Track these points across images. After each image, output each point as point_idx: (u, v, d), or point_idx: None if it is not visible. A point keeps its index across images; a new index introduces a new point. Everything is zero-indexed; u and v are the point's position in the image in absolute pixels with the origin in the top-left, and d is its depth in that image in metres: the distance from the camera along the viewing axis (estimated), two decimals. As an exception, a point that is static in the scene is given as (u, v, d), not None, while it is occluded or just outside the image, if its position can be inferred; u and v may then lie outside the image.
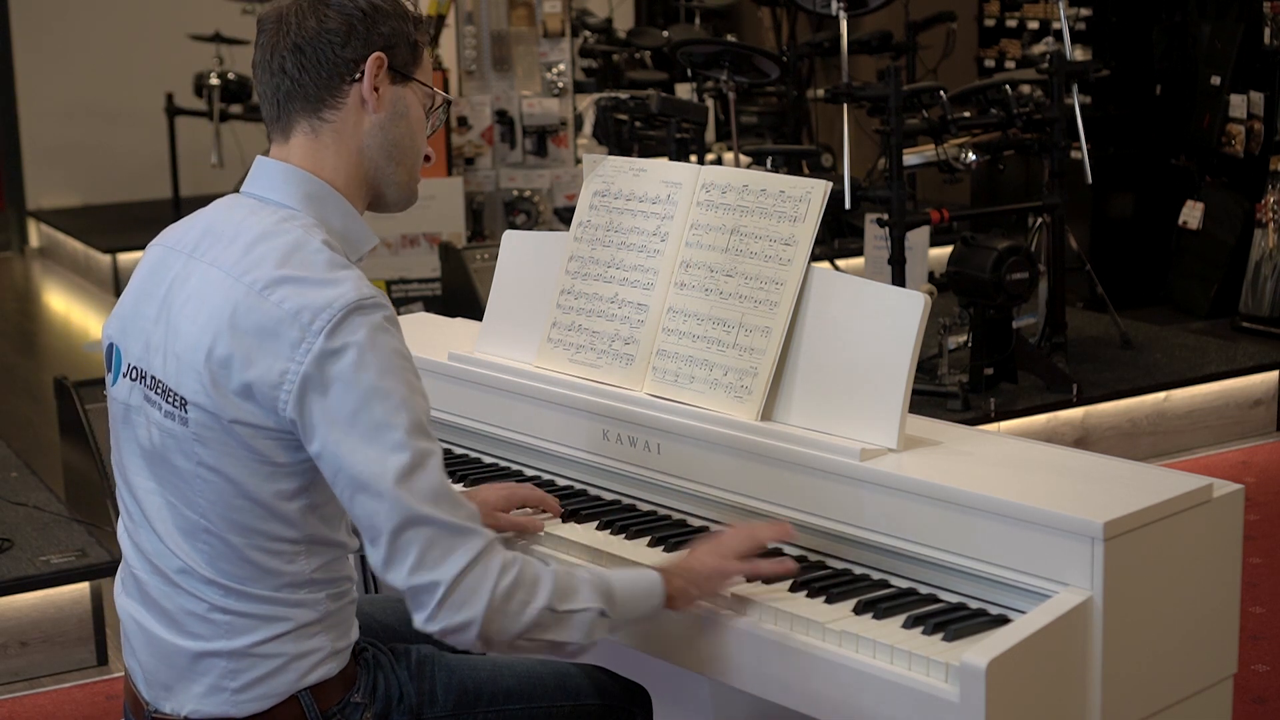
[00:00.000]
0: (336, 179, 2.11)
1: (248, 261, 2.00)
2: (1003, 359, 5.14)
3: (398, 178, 2.16)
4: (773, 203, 2.45)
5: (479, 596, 1.94)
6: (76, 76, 9.90)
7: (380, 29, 2.09)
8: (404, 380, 1.97)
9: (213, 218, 2.11)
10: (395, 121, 2.13)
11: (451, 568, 1.94)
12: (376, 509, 1.93)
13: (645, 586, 2.13)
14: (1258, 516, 4.74)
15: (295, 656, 2.04)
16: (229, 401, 1.96)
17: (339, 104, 2.09)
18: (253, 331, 1.96)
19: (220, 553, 2.01)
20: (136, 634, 2.11)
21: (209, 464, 1.99)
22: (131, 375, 2.09)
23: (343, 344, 1.94)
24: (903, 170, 5.16)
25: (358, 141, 2.11)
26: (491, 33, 7.61)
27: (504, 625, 1.97)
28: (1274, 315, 6.39)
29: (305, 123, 2.10)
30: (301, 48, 2.06)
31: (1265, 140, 6.68)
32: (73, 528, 4.16)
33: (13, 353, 7.60)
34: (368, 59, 2.08)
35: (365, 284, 1.99)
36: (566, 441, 2.64)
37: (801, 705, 2.13)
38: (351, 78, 2.08)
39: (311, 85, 2.08)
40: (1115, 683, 2.05)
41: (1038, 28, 7.77)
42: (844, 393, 2.33)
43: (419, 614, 1.96)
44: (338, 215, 2.10)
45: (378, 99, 2.10)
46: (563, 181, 7.66)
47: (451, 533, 1.95)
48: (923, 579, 2.20)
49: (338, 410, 1.93)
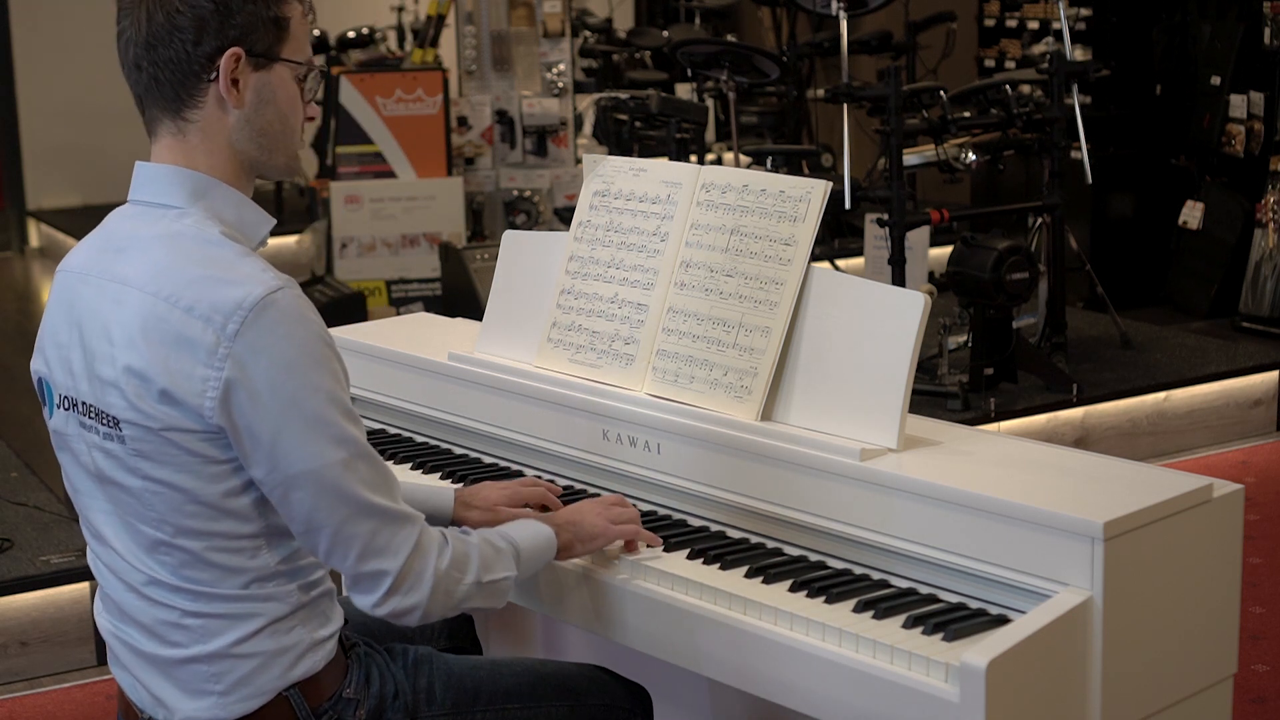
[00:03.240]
0: (215, 173, 2.03)
1: (149, 271, 1.96)
2: (1003, 359, 5.14)
3: (275, 161, 2.08)
4: (773, 203, 2.45)
5: (424, 580, 2.01)
6: (76, 76, 9.91)
7: (234, 20, 1.97)
8: (328, 369, 1.95)
9: (106, 234, 2.07)
10: (261, 110, 2.03)
11: (398, 556, 1.99)
12: (317, 504, 1.94)
13: (544, 543, 2.23)
14: (1258, 516, 4.74)
15: (275, 653, 2.03)
16: (155, 410, 1.93)
17: (199, 103, 2.00)
18: (167, 341, 1.92)
19: (182, 560, 1.99)
20: (121, 649, 2.11)
21: (154, 477, 1.97)
22: (63, 405, 2.06)
23: (261, 344, 1.90)
24: (903, 170, 5.16)
25: (225, 136, 2.03)
26: (491, 33, 7.61)
27: (444, 603, 2.05)
28: (1274, 315, 6.39)
29: (170, 123, 2.02)
30: (152, 45, 1.97)
31: (1265, 140, 6.68)
32: (73, 528, 4.16)
33: (13, 353, 7.60)
34: (222, 55, 1.98)
35: (270, 272, 1.94)
36: (566, 441, 2.64)
37: (800, 705, 2.13)
38: (208, 77, 1.99)
39: (168, 85, 1.99)
40: (1115, 683, 2.05)
41: (1038, 28, 7.77)
42: (844, 393, 2.33)
43: (365, 597, 2.01)
44: (229, 206, 2.04)
45: (238, 94, 2.00)
46: (563, 181, 7.66)
47: (393, 520, 1.99)
48: (923, 579, 2.20)
49: (266, 410, 1.91)
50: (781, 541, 2.37)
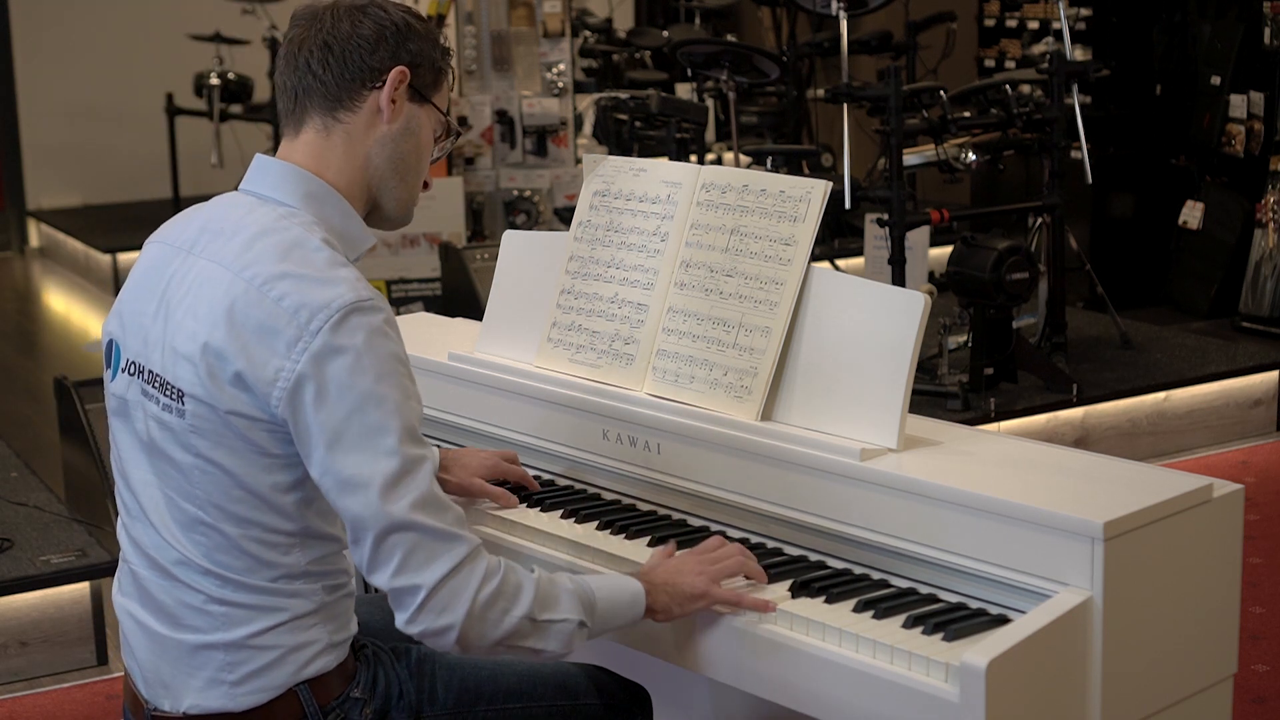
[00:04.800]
0: (339, 181, 2.12)
1: (248, 257, 2.01)
2: (1003, 359, 5.14)
3: (399, 193, 2.17)
4: (773, 203, 2.45)
5: (459, 602, 1.97)
6: (76, 76, 9.90)
7: (409, 45, 2.12)
8: (399, 385, 1.98)
9: (211, 214, 2.12)
10: (405, 137, 2.15)
11: (434, 573, 1.96)
12: (362, 512, 1.95)
13: (627, 599, 2.15)
14: (1258, 516, 4.74)
15: (292, 648, 2.05)
16: (224, 393, 1.98)
17: (355, 107, 2.11)
18: (250, 327, 1.97)
19: (217, 544, 2.02)
20: (134, 632, 2.12)
21: (206, 455, 2.00)
22: (130, 370, 2.10)
23: (340, 345, 1.94)
24: (903, 170, 5.16)
25: (366, 148, 2.13)
26: (491, 33, 7.61)
27: (483, 632, 2.00)
28: (1274, 315, 6.39)
29: (319, 119, 2.12)
30: (330, 46, 2.09)
31: (1265, 140, 6.68)
32: (73, 528, 4.16)
33: (13, 353, 7.60)
34: (391, 70, 2.11)
35: (364, 285, 2.00)
36: (566, 441, 2.64)
37: (801, 705, 2.13)
38: (372, 84, 2.11)
39: (332, 84, 2.10)
40: (1115, 683, 2.05)
41: (1038, 28, 7.77)
42: (844, 393, 2.33)
43: (400, 614, 2.00)
44: (337, 214, 2.11)
45: (393, 110, 2.12)
46: (563, 181, 7.66)
47: (435, 538, 1.97)
48: (923, 579, 2.20)
49: (331, 411, 1.94)
50: (781, 541, 2.37)
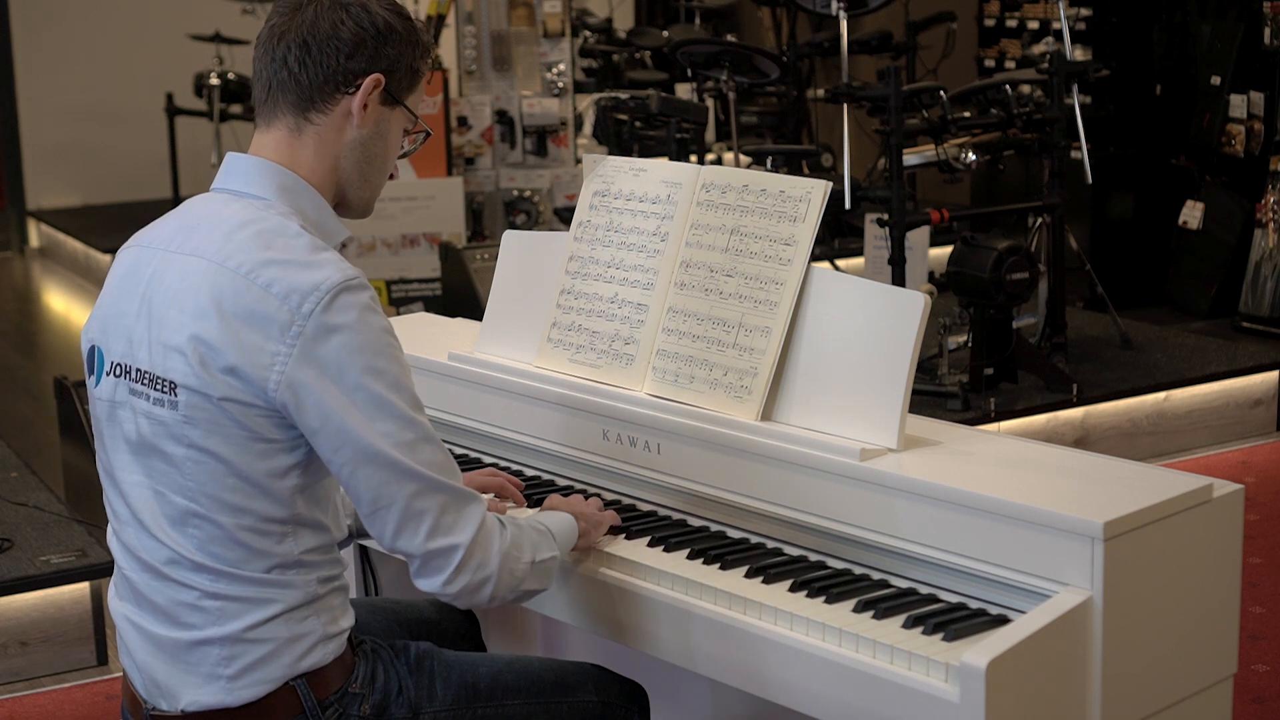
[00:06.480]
0: (311, 177, 2.14)
1: (229, 248, 2.03)
2: (1003, 359, 5.14)
3: (363, 192, 2.20)
4: (773, 203, 2.45)
5: (492, 555, 2.06)
6: (76, 76, 9.90)
7: (387, 50, 2.13)
8: (394, 358, 2.02)
9: (187, 214, 2.14)
10: (375, 140, 2.17)
11: (467, 531, 2.04)
12: (387, 479, 1.99)
13: (569, 526, 2.31)
14: (1258, 516, 4.74)
15: (287, 640, 2.05)
16: (217, 380, 1.99)
17: (327, 109, 2.12)
18: (241, 315, 1.98)
19: (210, 535, 2.03)
20: (131, 634, 2.13)
21: (200, 445, 2.01)
22: (115, 372, 2.10)
23: (335, 324, 1.97)
24: (903, 170, 5.16)
25: (336, 149, 2.14)
26: (491, 33, 7.61)
27: (509, 583, 2.10)
28: (1274, 315, 6.38)
29: (290, 118, 2.13)
30: (308, 45, 2.10)
31: (1265, 140, 6.68)
32: (73, 528, 4.16)
33: (13, 353, 7.60)
34: (367, 76, 2.11)
35: (347, 265, 2.03)
36: (566, 441, 2.64)
37: (801, 705, 2.13)
38: (346, 89, 2.11)
39: (307, 83, 2.11)
40: (1115, 683, 2.05)
41: (1038, 28, 7.77)
42: (844, 393, 2.33)
43: (436, 578, 2.04)
44: (311, 206, 2.13)
45: (364, 115, 2.14)
46: (563, 181, 7.66)
47: (460, 498, 2.04)
48: (923, 579, 2.20)
49: (336, 389, 1.97)
50: (781, 541, 2.37)
